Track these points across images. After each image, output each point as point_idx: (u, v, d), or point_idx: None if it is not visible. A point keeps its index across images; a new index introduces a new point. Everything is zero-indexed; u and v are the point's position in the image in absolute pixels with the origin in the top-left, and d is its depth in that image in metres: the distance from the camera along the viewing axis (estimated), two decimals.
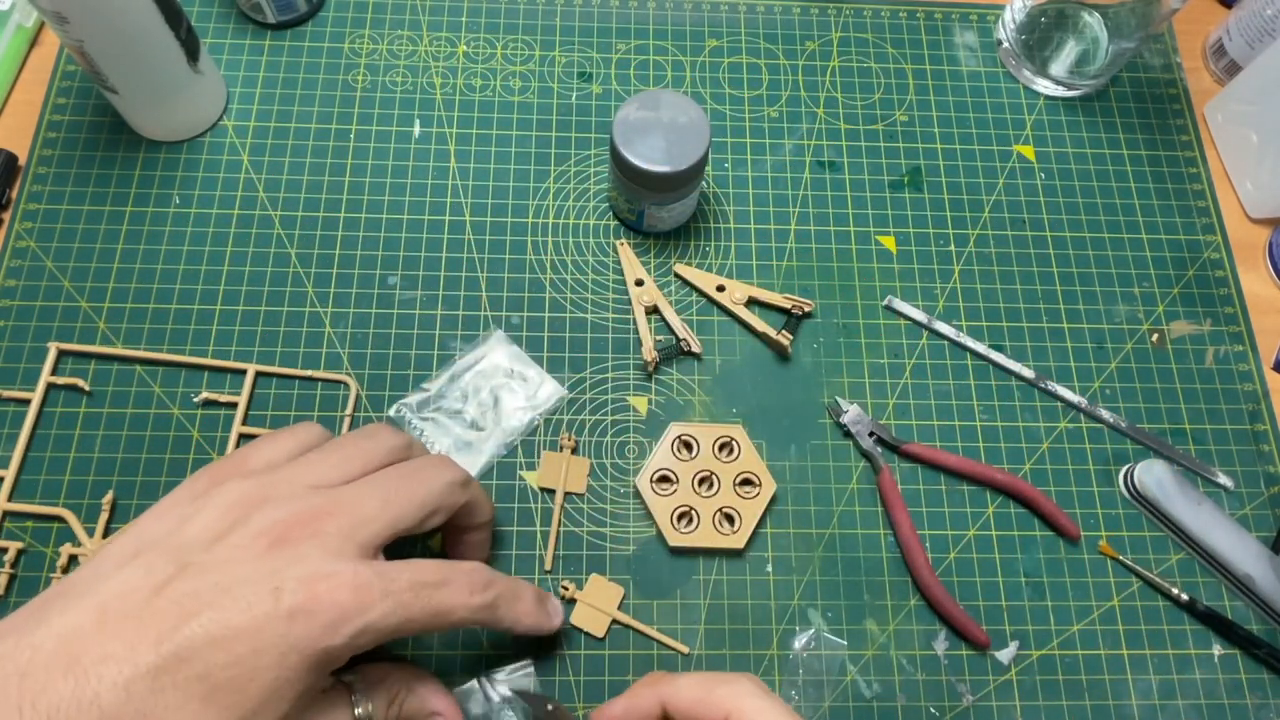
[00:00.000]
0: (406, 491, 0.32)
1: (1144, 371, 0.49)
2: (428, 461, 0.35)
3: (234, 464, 0.33)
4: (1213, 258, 0.52)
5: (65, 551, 0.41)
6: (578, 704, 0.40)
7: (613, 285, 0.49)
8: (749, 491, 0.44)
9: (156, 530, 0.30)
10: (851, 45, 0.56)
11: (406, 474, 0.33)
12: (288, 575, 0.28)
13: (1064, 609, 0.44)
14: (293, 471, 0.32)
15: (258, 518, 0.30)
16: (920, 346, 0.48)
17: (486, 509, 0.38)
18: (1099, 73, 0.54)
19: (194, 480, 0.32)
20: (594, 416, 0.46)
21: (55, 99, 0.50)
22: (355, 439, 0.35)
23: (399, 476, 0.33)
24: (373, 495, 0.32)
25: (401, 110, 0.52)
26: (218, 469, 0.33)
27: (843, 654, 0.42)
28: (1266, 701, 0.42)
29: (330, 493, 0.31)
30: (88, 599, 0.28)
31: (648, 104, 0.44)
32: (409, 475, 0.33)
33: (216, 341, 0.46)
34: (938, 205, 0.52)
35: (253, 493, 0.31)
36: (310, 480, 0.32)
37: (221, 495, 0.31)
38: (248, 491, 0.31)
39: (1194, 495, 0.44)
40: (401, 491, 0.32)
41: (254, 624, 0.27)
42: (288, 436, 0.34)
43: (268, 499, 0.31)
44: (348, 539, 0.30)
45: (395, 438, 0.35)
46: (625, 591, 0.42)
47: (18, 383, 0.44)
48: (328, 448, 0.34)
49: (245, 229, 0.48)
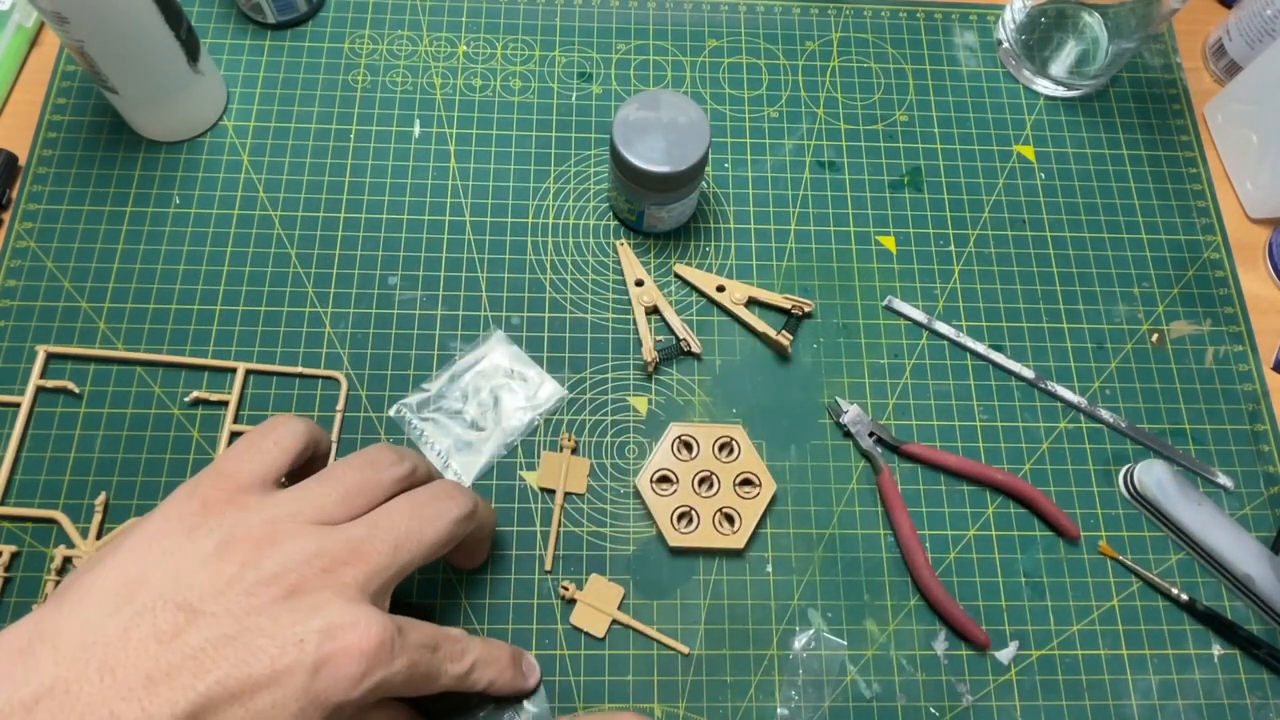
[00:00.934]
0: (416, 535, 0.32)
1: (1144, 371, 0.49)
2: (435, 494, 0.33)
3: (223, 481, 0.31)
4: (1213, 258, 0.52)
5: (59, 554, 0.41)
6: (578, 704, 0.40)
7: (613, 285, 0.49)
8: (749, 492, 0.44)
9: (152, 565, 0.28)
10: (851, 45, 0.56)
11: (414, 513, 0.32)
12: (309, 627, 0.27)
13: (1064, 609, 0.44)
14: (295, 505, 0.31)
15: (268, 564, 0.28)
16: (920, 346, 0.48)
17: (489, 524, 0.37)
18: (1099, 73, 0.54)
19: (183, 501, 0.30)
20: (594, 416, 0.46)
21: (55, 99, 0.50)
22: (358, 469, 0.33)
23: (407, 516, 0.32)
24: (384, 538, 0.31)
25: (401, 110, 0.52)
26: (209, 487, 0.31)
27: (843, 654, 0.42)
28: (1266, 701, 0.42)
29: (340, 535, 0.30)
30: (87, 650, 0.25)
31: (648, 104, 0.44)
32: (417, 515, 0.32)
33: (216, 342, 0.46)
34: (938, 205, 0.52)
35: (257, 531, 0.29)
36: (314, 516, 0.30)
37: (222, 530, 0.29)
38: (251, 529, 0.29)
39: (1194, 495, 0.44)
40: (412, 535, 0.31)
41: (276, 677, 0.26)
42: (271, 444, 0.32)
43: (274, 541, 0.29)
44: (362, 586, 0.29)
45: (398, 465, 0.34)
46: (625, 591, 0.42)
47: (17, 383, 0.44)
48: (329, 478, 0.32)
49: (245, 229, 0.48)
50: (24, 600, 0.40)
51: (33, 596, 0.41)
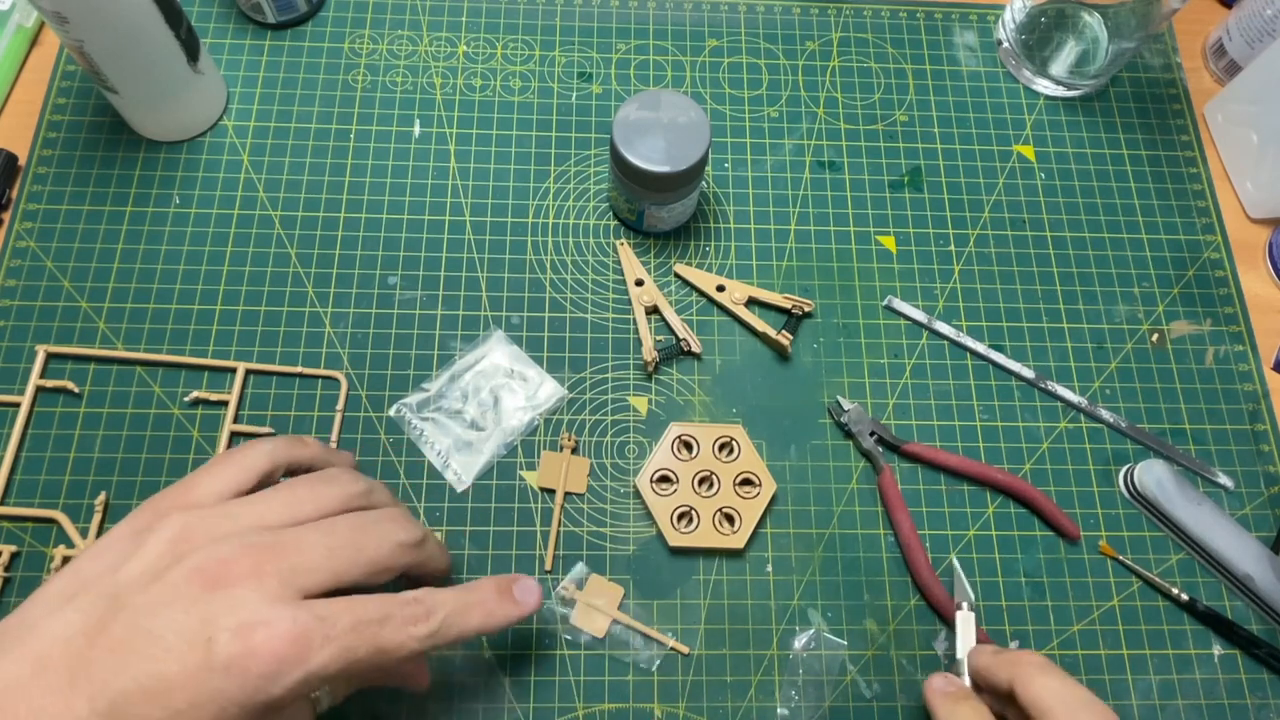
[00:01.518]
0: (354, 545, 0.31)
1: (1144, 371, 0.49)
2: (382, 516, 0.33)
3: (178, 495, 0.31)
4: (1213, 258, 0.52)
5: (59, 554, 0.41)
6: (577, 704, 0.40)
7: (613, 285, 0.49)
8: (749, 491, 0.44)
9: (95, 568, 0.29)
10: (851, 45, 0.56)
11: (358, 526, 0.32)
12: (221, 623, 0.27)
13: (1064, 609, 0.44)
14: (239, 508, 0.31)
15: (195, 557, 0.28)
16: (920, 346, 0.48)
17: (442, 565, 0.36)
18: (1099, 73, 0.54)
19: (136, 514, 0.31)
20: (594, 416, 0.46)
21: (55, 99, 0.50)
22: (311, 481, 0.33)
23: (349, 528, 0.31)
24: (319, 542, 0.30)
25: (401, 110, 0.52)
26: (160, 500, 0.31)
27: (843, 654, 0.42)
28: (1266, 701, 0.42)
29: (274, 533, 0.30)
30: (25, 646, 0.26)
31: (648, 104, 0.44)
32: (360, 528, 0.32)
33: (216, 341, 0.46)
34: (938, 205, 0.52)
35: (195, 527, 0.29)
36: (256, 519, 0.30)
37: (163, 530, 0.29)
38: (190, 525, 0.29)
39: (1194, 495, 0.44)
40: (349, 544, 0.31)
41: (188, 677, 0.26)
42: (234, 465, 0.33)
43: (210, 535, 0.29)
44: (287, 583, 0.28)
45: (354, 484, 0.33)
46: (625, 591, 0.42)
47: (17, 383, 0.44)
48: (280, 487, 0.32)
49: (245, 229, 0.48)
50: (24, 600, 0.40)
51: None
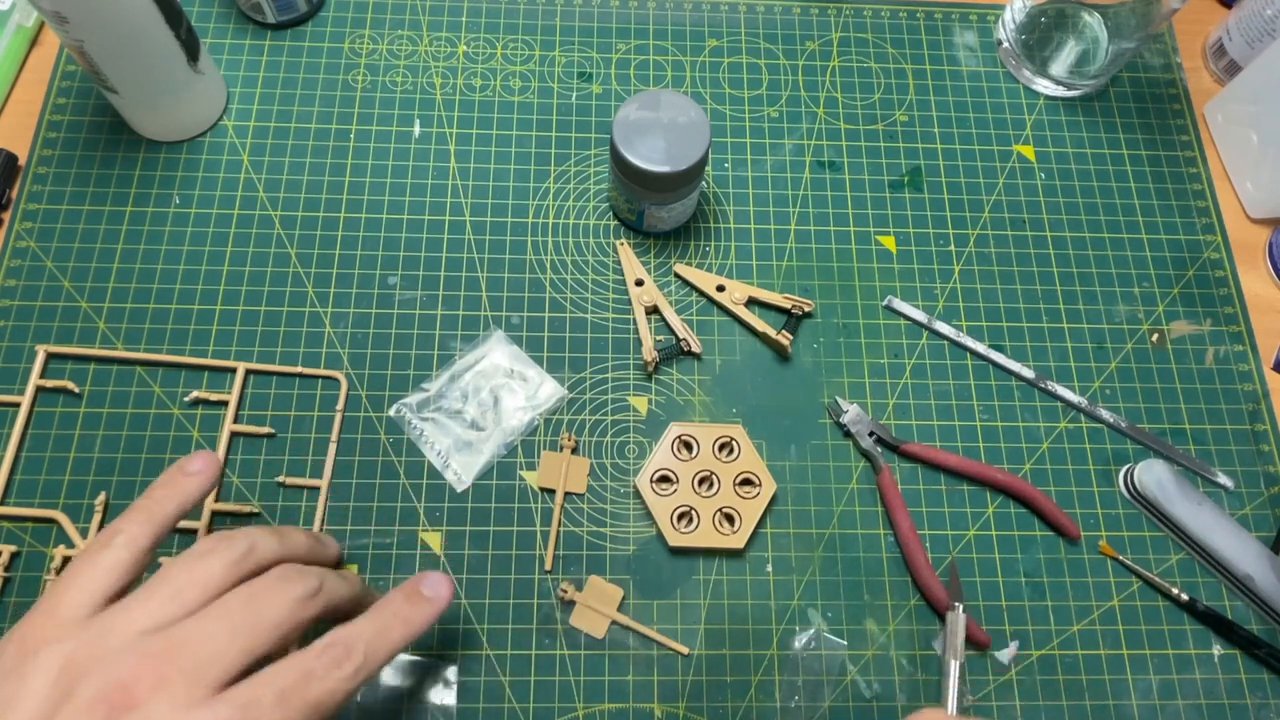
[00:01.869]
0: (254, 618, 0.29)
1: (1144, 371, 0.49)
2: (274, 578, 0.31)
3: (41, 620, 0.28)
4: (1213, 258, 0.52)
5: (59, 554, 0.41)
6: (577, 704, 0.40)
7: (613, 285, 0.49)
8: (749, 491, 0.44)
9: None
10: (851, 45, 0.56)
11: (251, 597, 0.30)
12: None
13: (1064, 609, 0.44)
14: (117, 617, 0.28)
15: (88, 684, 0.26)
16: (920, 346, 0.48)
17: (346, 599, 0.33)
18: (1099, 73, 0.54)
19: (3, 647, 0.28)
20: (594, 416, 0.46)
21: (55, 99, 0.50)
22: (184, 564, 0.30)
23: (243, 602, 0.30)
24: (217, 629, 0.28)
25: (401, 110, 0.52)
26: (24, 631, 0.28)
27: (843, 654, 0.42)
28: (1266, 701, 0.42)
29: (168, 637, 0.28)
30: None
31: (648, 104, 0.44)
32: (254, 598, 0.30)
33: (216, 341, 0.46)
34: (938, 205, 0.52)
35: (77, 655, 0.27)
36: (142, 624, 0.28)
37: (40, 668, 0.27)
38: (70, 655, 0.27)
39: (1194, 495, 0.44)
40: (248, 618, 0.29)
41: None
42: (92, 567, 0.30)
43: (96, 658, 0.27)
44: (196, 683, 0.27)
45: (230, 550, 0.31)
46: (625, 592, 0.42)
47: (17, 383, 0.44)
48: (155, 580, 0.30)
49: (245, 229, 0.48)
50: (24, 600, 0.40)
51: (32, 596, 0.41)
